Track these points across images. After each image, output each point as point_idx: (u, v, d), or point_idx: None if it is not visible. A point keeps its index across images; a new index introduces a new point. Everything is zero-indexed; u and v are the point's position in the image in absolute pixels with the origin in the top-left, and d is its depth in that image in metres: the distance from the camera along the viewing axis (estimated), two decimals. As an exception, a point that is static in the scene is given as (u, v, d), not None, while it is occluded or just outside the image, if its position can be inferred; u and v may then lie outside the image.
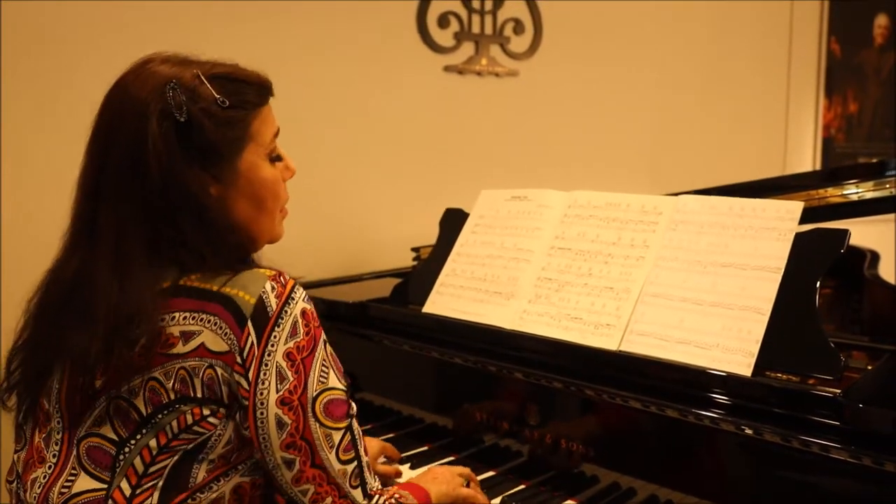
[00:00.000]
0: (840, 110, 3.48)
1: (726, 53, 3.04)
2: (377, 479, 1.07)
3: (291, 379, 0.96)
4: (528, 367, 1.37)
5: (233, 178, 1.02)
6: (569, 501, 1.30)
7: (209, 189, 1.00)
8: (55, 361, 1.02)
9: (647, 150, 2.87)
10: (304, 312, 0.99)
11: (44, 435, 1.03)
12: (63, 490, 0.97)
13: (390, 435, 1.55)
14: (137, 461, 0.96)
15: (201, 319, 0.96)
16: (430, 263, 1.67)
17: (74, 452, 0.98)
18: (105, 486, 0.96)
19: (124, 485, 0.96)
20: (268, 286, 0.97)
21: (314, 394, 0.98)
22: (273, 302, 0.96)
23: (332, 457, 0.99)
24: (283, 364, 0.96)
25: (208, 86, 0.99)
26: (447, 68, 2.39)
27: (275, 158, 1.08)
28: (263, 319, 0.95)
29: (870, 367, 1.20)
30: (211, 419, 0.96)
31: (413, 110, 2.34)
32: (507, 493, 1.33)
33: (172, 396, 0.95)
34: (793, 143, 3.33)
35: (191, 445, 0.96)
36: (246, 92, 1.03)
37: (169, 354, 0.95)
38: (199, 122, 0.97)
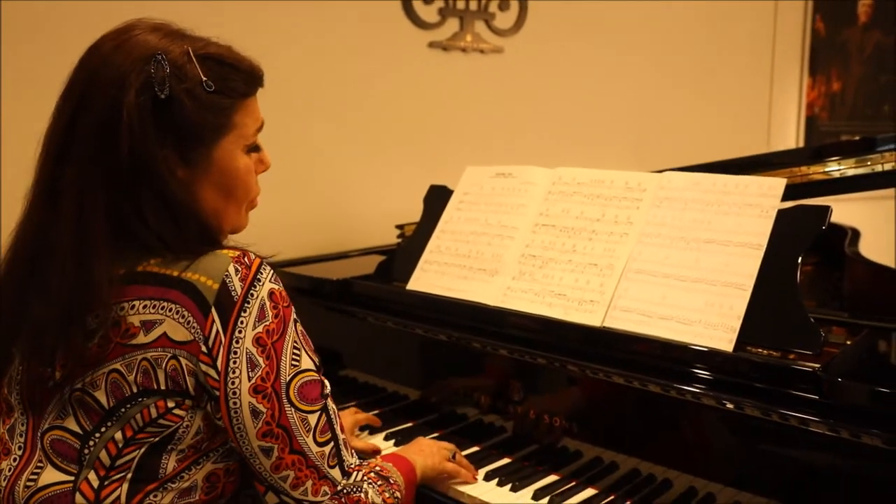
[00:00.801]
0: (824, 89, 3.49)
1: (712, 31, 3.03)
2: (354, 455, 1.06)
3: (263, 365, 0.93)
4: (511, 344, 1.37)
5: (205, 165, 0.99)
6: (552, 475, 1.31)
7: (177, 171, 0.96)
8: (15, 342, 0.98)
9: (632, 127, 2.87)
10: (271, 294, 0.95)
11: (7, 426, 1.00)
12: (29, 483, 0.95)
13: (375, 412, 1.55)
14: (103, 454, 0.93)
15: (162, 308, 0.92)
16: (414, 240, 1.66)
17: (39, 445, 0.96)
18: (72, 478, 0.94)
19: (92, 476, 0.93)
20: (231, 269, 0.93)
21: (287, 378, 0.95)
22: (237, 286, 0.93)
23: (310, 440, 0.97)
24: (254, 350, 0.92)
25: (196, 65, 0.95)
26: (431, 44, 2.37)
27: (252, 149, 1.05)
28: (228, 305, 0.92)
29: (849, 343, 1.21)
30: (177, 411, 0.93)
31: (397, 87, 2.32)
32: (490, 468, 1.34)
33: (135, 389, 0.92)
34: (777, 122, 3.34)
35: (157, 438, 0.94)
36: (234, 79, 0.99)
37: (130, 345, 0.92)
38: (179, 102, 0.94)
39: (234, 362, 0.92)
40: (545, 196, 1.49)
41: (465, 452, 1.37)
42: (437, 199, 1.67)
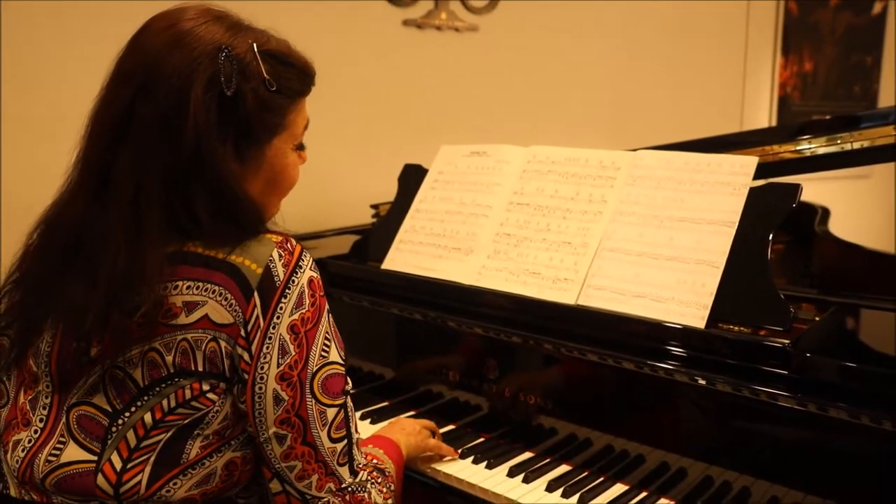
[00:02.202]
0: (796, 69, 3.52)
1: (686, 11, 3.04)
2: (363, 453, 1.05)
3: (293, 353, 0.93)
4: (487, 322, 1.38)
5: (258, 161, 0.99)
6: (527, 452, 1.32)
7: (233, 166, 0.96)
8: (48, 317, 0.96)
9: (607, 106, 2.87)
10: (310, 282, 0.95)
11: (30, 396, 0.98)
12: (50, 458, 0.93)
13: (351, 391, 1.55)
14: (130, 434, 0.92)
15: (206, 289, 0.91)
16: (389, 220, 1.66)
17: (64, 420, 0.94)
18: (95, 457, 0.92)
19: (115, 458, 0.92)
20: (275, 254, 0.93)
21: (315, 369, 0.94)
22: (280, 271, 0.93)
23: (324, 434, 0.96)
24: (287, 337, 0.92)
25: (260, 63, 0.95)
26: (406, 22, 2.34)
27: (298, 147, 1.06)
28: (270, 290, 0.92)
29: (817, 319, 1.23)
30: (210, 395, 0.92)
31: (372, 65, 2.30)
32: (466, 446, 1.35)
33: (172, 370, 0.91)
34: (750, 101, 3.37)
35: (186, 421, 0.92)
36: (292, 78, 1.00)
37: (171, 325, 0.91)
38: (243, 100, 0.94)
39: (267, 347, 0.91)
40: (520, 175, 1.49)
41: (441, 431, 1.37)
42: (412, 178, 1.66)
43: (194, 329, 0.91)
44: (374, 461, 1.08)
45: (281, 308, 0.92)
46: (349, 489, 0.98)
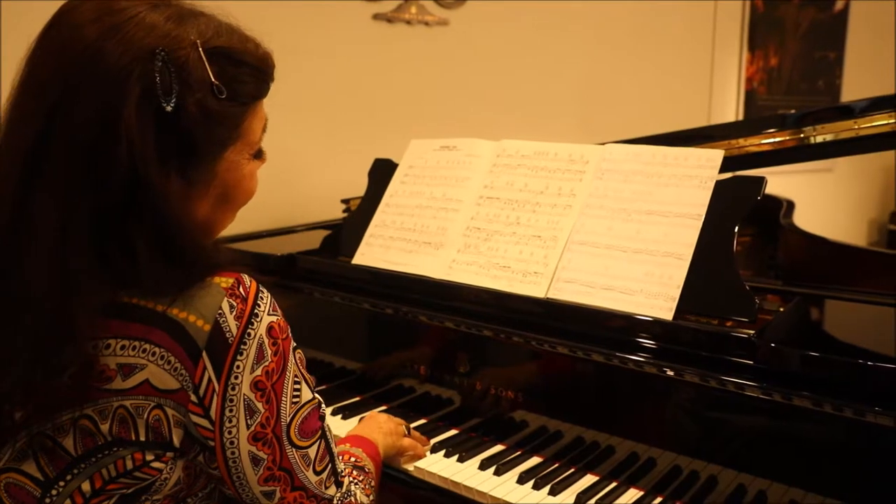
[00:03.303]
0: (762, 63, 3.57)
1: (655, 6, 3.06)
2: (342, 459, 1.01)
3: (262, 411, 0.83)
4: (457, 316, 1.38)
5: (207, 179, 0.86)
6: (498, 445, 1.33)
7: (175, 189, 0.83)
8: None
9: (577, 101, 2.89)
10: (270, 329, 0.83)
11: None
12: None
13: (322, 387, 1.54)
14: None
15: (143, 351, 0.79)
16: (359, 214, 1.65)
17: None
18: None
19: None
20: (225, 305, 0.81)
21: (288, 419, 0.86)
22: (233, 325, 0.81)
23: (311, 473, 0.90)
24: (252, 396, 0.82)
25: (206, 65, 0.80)
26: (376, 16, 2.33)
27: (256, 155, 0.93)
28: (223, 349, 0.80)
29: (781, 310, 1.25)
30: (155, 464, 0.82)
31: (341, 59, 2.28)
32: (438, 440, 1.35)
33: (109, 439, 0.80)
34: (717, 95, 3.41)
35: (130, 490, 0.82)
36: (246, 80, 0.86)
37: (105, 390, 0.79)
38: (186, 114, 0.79)
39: (231, 411, 0.81)
40: (489, 168, 1.50)
41: (413, 425, 1.38)
42: (382, 172, 1.66)
43: (133, 395, 0.79)
44: (353, 460, 1.07)
45: (238, 367, 0.81)
46: (338, 501, 0.94)
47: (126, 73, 0.76)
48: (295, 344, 0.89)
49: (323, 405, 0.95)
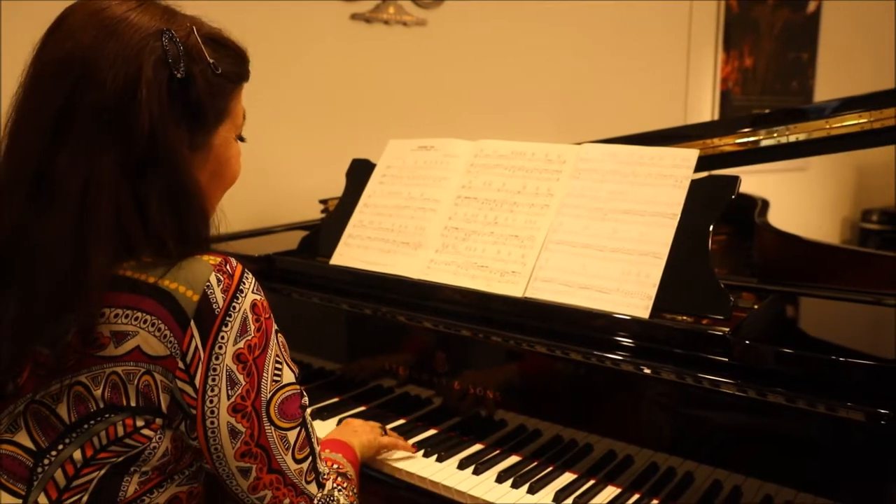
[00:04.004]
0: (737, 64, 3.61)
1: (632, 6, 3.08)
2: (325, 463, 1.03)
3: (243, 383, 0.87)
4: (436, 316, 1.38)
5: (205, 151, 0.94)
6: (477, 445, 1.33)
7: (184, 150, 0.90)
8: None
9: (554, 101, 2.90)
10: (254, 305, 0.88)
11: None
12: None
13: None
14: (59, 474, 0.84)
15: (135, 318, 0.84)
16: (337, 215, 1.65)
17: None
18: (20, 501, 0.84)
19: (42, 500, 0.84)
20: (213, 279, 0.85)
21: (269, 396, 0.89)
22: (219, 298, 0.85)
23: (289, 458, 0.92)
24: (234, 367, 0.86)
25: (202, 46, 0.90)
26: (354, 16, 2.33)
27: (239, 138, 1.01)
28: (209, 318, 0.85)
29: (756, 307, 1.27)
30: (145, 431, 0.86)
31: (320, 59, 2.28)
32: (416, 440, 1.35)
33: (101, 405, 0.84)
34: (693, 95, 3.44)
35: (121, 458, 0.86)
36: (231, 62, 0.95)
37: (98, 357, 0.84)
38: (193, 82, 0.88)
39: (213, 380, 0.85)
40: (467, 168, 1.50)
41: (391, 425, 1.37)
42: (360, 172, 1.66)
43: (125, 362, 0.84)
44: (337, 466, 1.07)
45: (223, 337, 0.85)
46: (320, 503, 0.96)
47: (140, 46, 0.85)
48: (278, 328, 0.92)
49: (306, 398, 0.96)
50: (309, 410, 0.97)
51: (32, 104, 0.87)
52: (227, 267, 0.88)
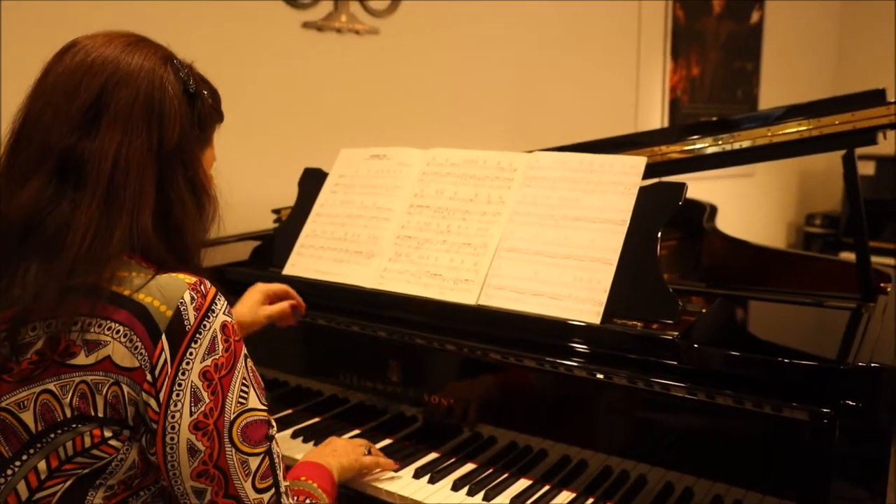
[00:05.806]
0: (685, 73, 3.69)
1: (582, 17, 3.13)
2: (293, 497, 0.99)
3: (207, 401, 0.86)
4: (390, 325, 1.38)
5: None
6: (433, 453, 1.33)
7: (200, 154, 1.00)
8: None
9: (507, 109, 2.92)
10: (224, 326, 0.89)
11: None
12: None
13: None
14: (21, 486, 0.84)
15: (109, 328, 0.85)
16: (289, 225, 1.63)
17: None
18: None
19: None
20: (187, 296, 0.87)
21: (232, 417, 0.88)
22: (191, 315, 0.87)
23: (248, 486, 0.89)
24: (199, 384, 0.86)
25: (200, 78, 1.00)
26: (306, 25, 2.31)
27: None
28: (180, 334, 0.86)
29: (704, 311, 1.29)
30: (112, 442, 0.86)
31: (271, 68, 2.25)
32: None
33: (69, 414, 0.84)
34: (643, 104, 3.51)
35: (86, 470, 0.86)
36: (215, 102, 1.04)
37: (68, 365, 0.84)
38: (201, 98, 0.98)
39: (178, 395, 0.85)
40: (419, 177, 1.50)
41: (345, 436, 1.36)
42: (313, 182, 1.64)
43: (94, 371, 0.84)
44: (308, 501, 1.03)
45: (191, 353, 0.86)
46: None
47: (156, 61, 0.94)
48: (247, 353, 0.93)
49: (274, 427, 0.94)
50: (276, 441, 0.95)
51: (58, 97, 0.90)
52: (202, 287, 0.90)
